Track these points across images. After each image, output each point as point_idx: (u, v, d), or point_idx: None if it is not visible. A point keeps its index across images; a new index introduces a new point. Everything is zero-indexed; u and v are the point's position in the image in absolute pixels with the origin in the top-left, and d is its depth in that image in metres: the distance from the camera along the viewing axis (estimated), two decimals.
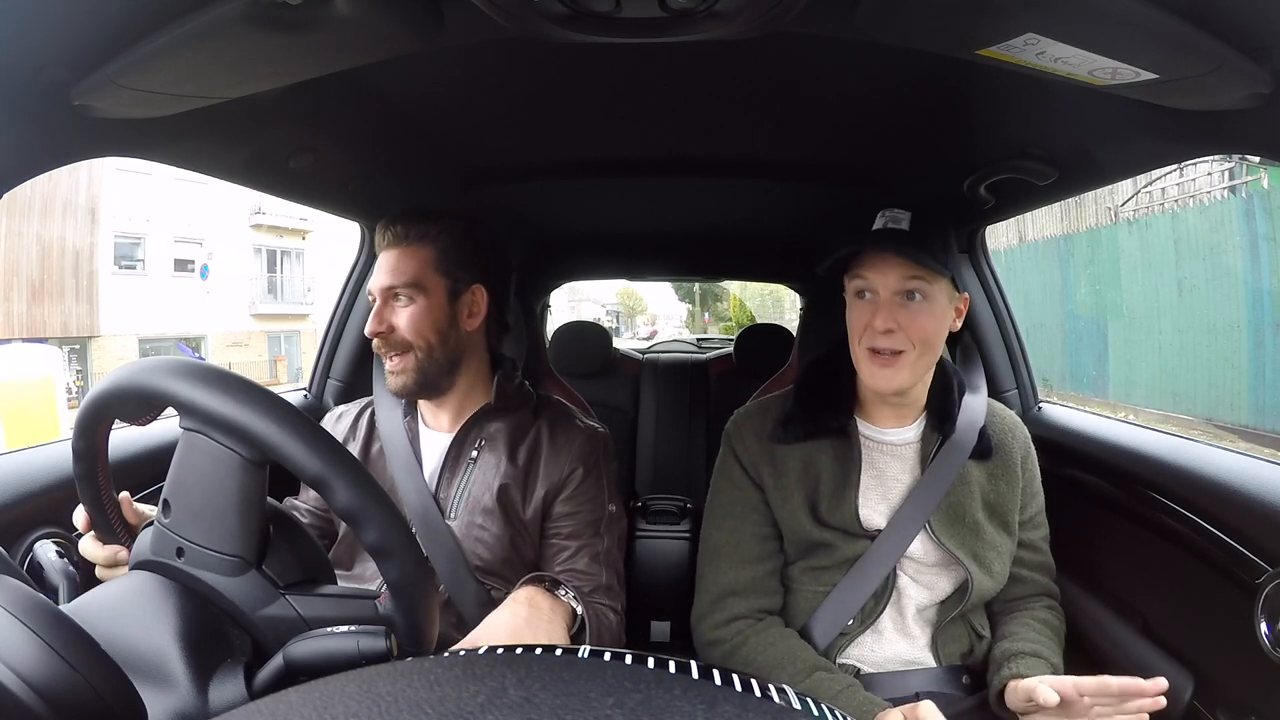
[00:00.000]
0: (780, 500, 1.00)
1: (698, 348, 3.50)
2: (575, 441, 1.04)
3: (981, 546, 0.98)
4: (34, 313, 13.65)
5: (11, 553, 0.78)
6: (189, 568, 0.55)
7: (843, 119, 1.08)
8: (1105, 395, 7.41)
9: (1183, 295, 6.23)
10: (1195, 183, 6.44)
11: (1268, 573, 0.81)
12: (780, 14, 0.60)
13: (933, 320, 0.92)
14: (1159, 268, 6.44)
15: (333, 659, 0.51)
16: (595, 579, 1.00)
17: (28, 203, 13.03)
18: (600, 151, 1.25)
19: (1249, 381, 5.55)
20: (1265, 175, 5.46)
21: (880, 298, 0.92)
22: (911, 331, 0.91)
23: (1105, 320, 7.55)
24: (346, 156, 1.12)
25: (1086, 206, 8.16)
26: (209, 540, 0.55)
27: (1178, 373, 6.44)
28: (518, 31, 0.63)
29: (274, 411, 0.52)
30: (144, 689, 0.46)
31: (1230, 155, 6.20)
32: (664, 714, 0.26)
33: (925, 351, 0.93)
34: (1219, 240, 5.87)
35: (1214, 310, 5.89)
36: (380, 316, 0.99)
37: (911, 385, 0.96)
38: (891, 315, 0.91)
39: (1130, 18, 0.54)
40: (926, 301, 0.91)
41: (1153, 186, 7.43)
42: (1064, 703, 0.78)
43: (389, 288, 0.99)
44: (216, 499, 0.55)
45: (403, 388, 1.00)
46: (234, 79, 0.67)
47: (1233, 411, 5.66)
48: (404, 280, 0.98)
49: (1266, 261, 5.41)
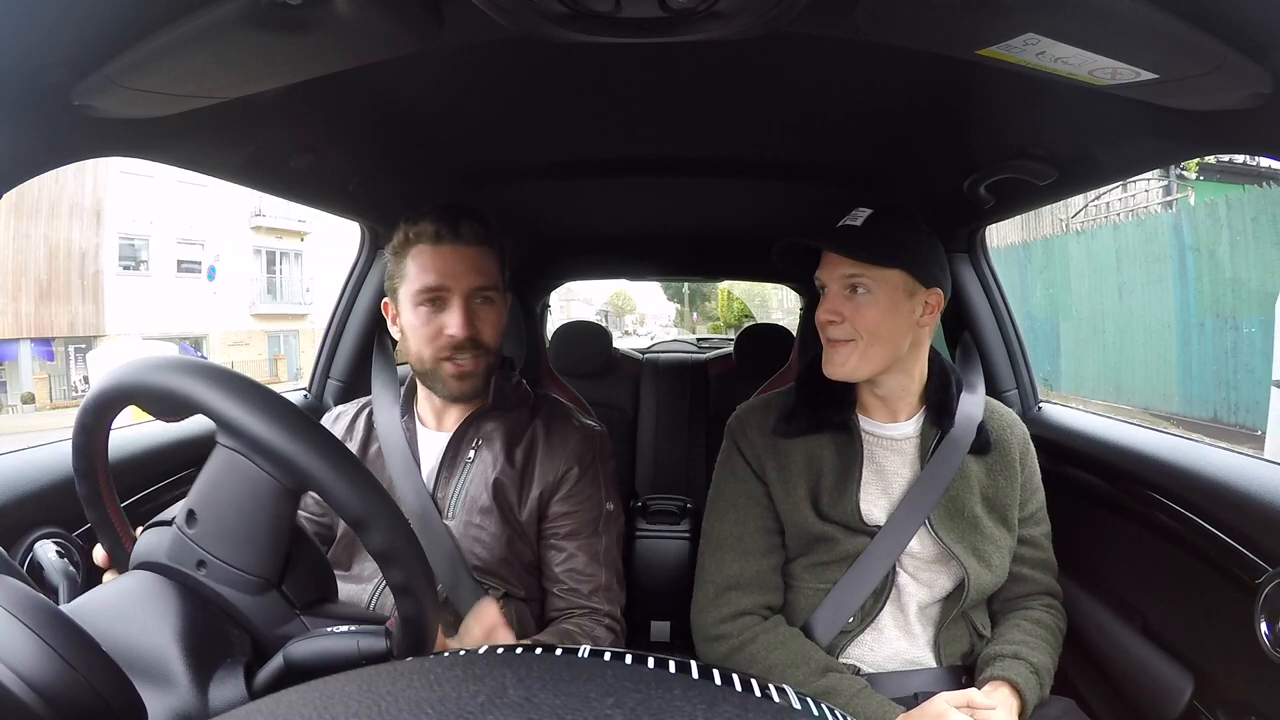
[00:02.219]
0: (784, 493, 1.01)
1: (698, 348, 3.50)
2: (570, 441, 1.04)
3: (981, 541, 0.99)
4: (42, 312, 13.92)
5: (11, 553, 0.78)
6: (210, 581, 0.54)
7: (843, 119, 1.08)
8: (1059, 388, 8.01)
9: (1123, 299, 7.08)
10: (1135, 198, 7.35)
11: (1268, 573, 0.81)
12: (780, 14, 0.60)
13: (877, 311, 0.95)
14: (1103, 274, 7.27)
15: (333, 659, 0.51)
16: (594, 579, 1.00)
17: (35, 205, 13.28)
18: (600, 151, 1.25)
19: (1178, 374, 6.33)
20: (1192, 193, 6.33)
21: (829, 291, 0.97)
22: (856, 322, 0.95)
23: (1058, 321, 8.26)
24: (346, 156, 1.12)
25: (1043, 217, 8.95)
26: (236, 558, 0.54)
27: (1119, 367, 7.25)
28: (517, 31, 0.63)
29: (322, 447, 0.52)
30: (144, 689, 0.46)
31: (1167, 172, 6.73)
32: (664, 714, 0.26)
33: (874, 341, 0.96)
34: (1153, 249, 6.73)
35: (1149, 312, 6.73)
36: (467, 319, 0.94)
37: (873, 374, 0.98)
38: (836, 307, 0.96)
39: (1130, 18, 0.54)
40: (869, 294, 0.95)
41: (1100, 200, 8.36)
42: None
43: (478, 288, 0.95)
44: (249, 520, 0.54)
45: (474, 389, 0.98)
46: (234, 79, 0.67)
47: (1165, 401, 6.48)
48: (490, 281, 0.97)
49: (1191, 269, 6.23)
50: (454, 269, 0.95)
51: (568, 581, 1.00)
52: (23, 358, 13.99)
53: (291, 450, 0.51)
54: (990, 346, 1.45)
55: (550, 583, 1.02)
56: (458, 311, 0.94)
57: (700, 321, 26.71)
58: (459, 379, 0.97)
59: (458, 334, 0.94)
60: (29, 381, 14.09)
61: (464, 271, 0.95)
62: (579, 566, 1.00)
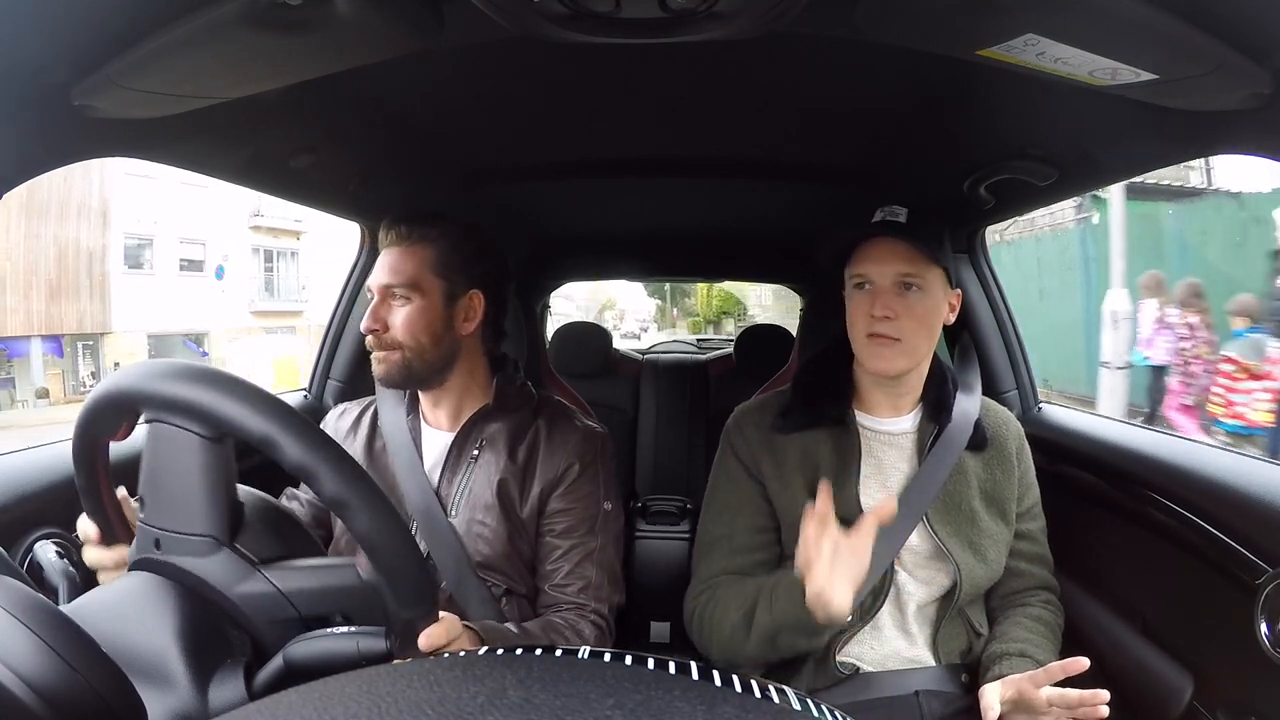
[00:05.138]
0: (780, 487, 1.01)
1: (698, 348, 3.49)
2: (572, 440, 1.05)
3: (977, 535, 0.99)
4: (52, 310, 14.21)
5: (11, 553, 0.78)
6: (167, 557, 0.55)
7: (843, 119, 1.08)
8: None
9: (1043, 301, 8.18)
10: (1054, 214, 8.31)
11: (1268, 573, 0.81)
12: (780, 14, 0.60)
13: (928, 310, 0.96)
14: (1027, 280, 8.34)
15: (332, 659, 0.51)
16: (585, 578, 1.00)
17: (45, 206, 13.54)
18: (600, 151, 1.25)
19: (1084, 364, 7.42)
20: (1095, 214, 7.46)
21: (878, 287, 0.96)
22: (908, 319, 0.95)
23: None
24: (346, 157, 1.12)
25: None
26: (179, 524, 0.55)
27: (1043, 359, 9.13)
28: (517, 31, 0.63)
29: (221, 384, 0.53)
30: (144, 689, 0.46)
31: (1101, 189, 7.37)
32: (664, 714, 0.26)
33: (922, 338, 0.97)
34: (1065, 259, 8.03)
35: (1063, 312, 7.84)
36: (376, 314, 1.00)
37: (909, 370, 0.99)
38: (890, 303, 0.95)
39: (1130, 18, 0.54)
40: (922, 292, 0.95)
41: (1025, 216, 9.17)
42: (1024, 703, 0.83)
43: (387, 286, 1.00)
44: (182, 483, 0.55)
45: (385, 376, 1.01)
46: (234, 79, 0.67)
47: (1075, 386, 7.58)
48: (402, 279, 0.99)
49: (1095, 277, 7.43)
50: (377, 268, 1.02)
51: (556, 578, 1.01)
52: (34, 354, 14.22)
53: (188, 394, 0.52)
54: (990, 347, 1.45)
55: (541, 579, 1.03)
56: (370, 306, 1.01)
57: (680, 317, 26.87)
58: (376, 363, 1.02)
59: (364, 327, 1.01)
60: (40, 377, 14.32)
61: (380, 270, 1.02)
62: (570, 564, 1.01)
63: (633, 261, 2.31)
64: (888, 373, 0.98)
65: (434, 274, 1.01)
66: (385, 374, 1.01)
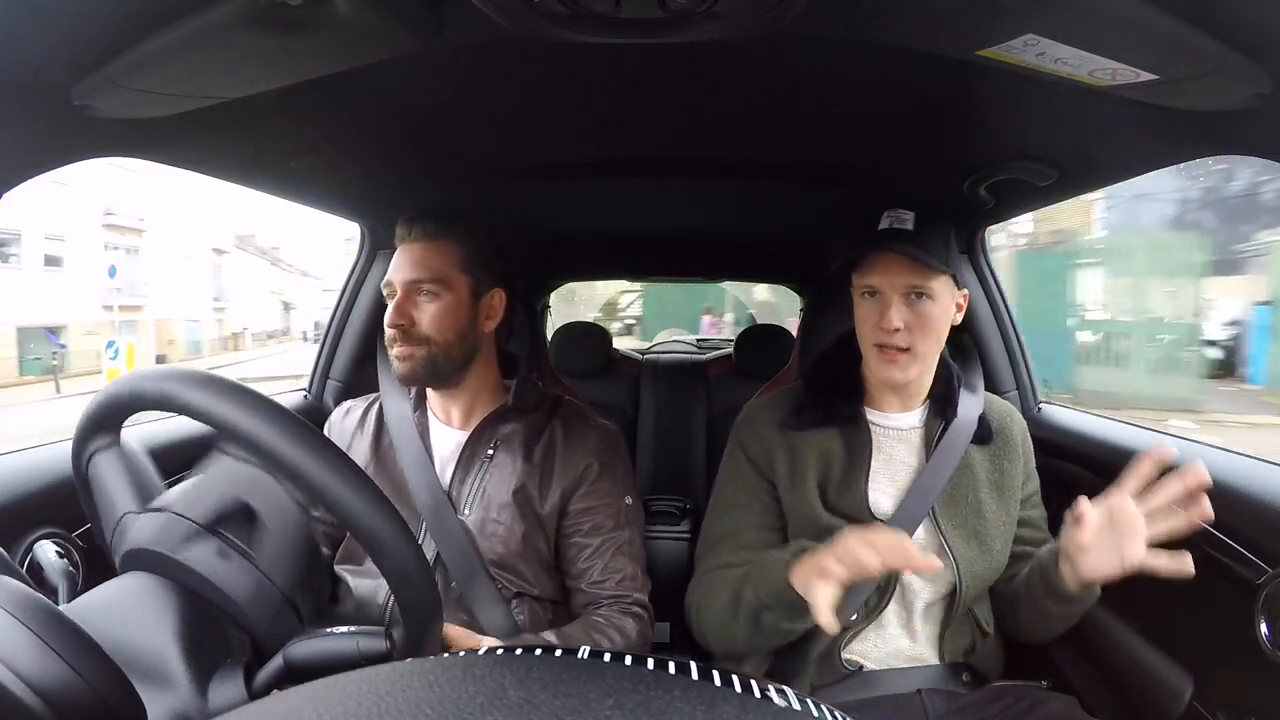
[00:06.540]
0: (791, 485, 1.01)
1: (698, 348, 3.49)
2: (589, 440, 1.06)
3: (983, 525, 1.00)
4: None
5: (11, 553, 0.78)
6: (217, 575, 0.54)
7: (843, 119, 1.08)
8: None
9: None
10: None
11: (1268, 574, 0.81)
12: (780, 14, 0.60)
13: (936, 317, 0.97)
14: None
15: (332, 660, 0.51)
16: (620, 571, 1.01)
17: None
18: (600, 151, 1.25)
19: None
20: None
21: (887, 297, 0.96)
22: (918, 328, 0.95)
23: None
24: (346, 156, 1.12)
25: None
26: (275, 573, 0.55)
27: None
28: (517, 31, 0.63)
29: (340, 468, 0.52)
30: (144, 689, 0.46)
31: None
32: (664, 715, 0.26)
33: (932, 346, 0.98)
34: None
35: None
36: (402, 309, 0.99)
37: (920, 376, 1.00)
38: (899, 314, 0.95)
39: (1130, 18, 0.54)
40: (932, 301, 0.96)
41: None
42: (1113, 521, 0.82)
43: (415, 281, 0.99)
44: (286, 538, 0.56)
45: (410, 374, 1.00)
46: (234, 79, 0.67)
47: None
48: (430, 275, 0.99)
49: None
50: (400, 265, 1.01)
51: (592, 575, 1.01)
52: None
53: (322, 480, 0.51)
54: (990, 347, 1.45)
55: (574, 579, 1.03)
56: (394, 303, 1.01)
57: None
58: (399, 360, 1.01)
59: (389, 322, 0.99)
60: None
61: (405, 266, 1.01)
62: (603, 560, 1.01)
63: (633, 261, 2.31)
64: (898, 382, 0.99)
65: (461, 271, 1.01)
66: (409, 371, 1.00)
